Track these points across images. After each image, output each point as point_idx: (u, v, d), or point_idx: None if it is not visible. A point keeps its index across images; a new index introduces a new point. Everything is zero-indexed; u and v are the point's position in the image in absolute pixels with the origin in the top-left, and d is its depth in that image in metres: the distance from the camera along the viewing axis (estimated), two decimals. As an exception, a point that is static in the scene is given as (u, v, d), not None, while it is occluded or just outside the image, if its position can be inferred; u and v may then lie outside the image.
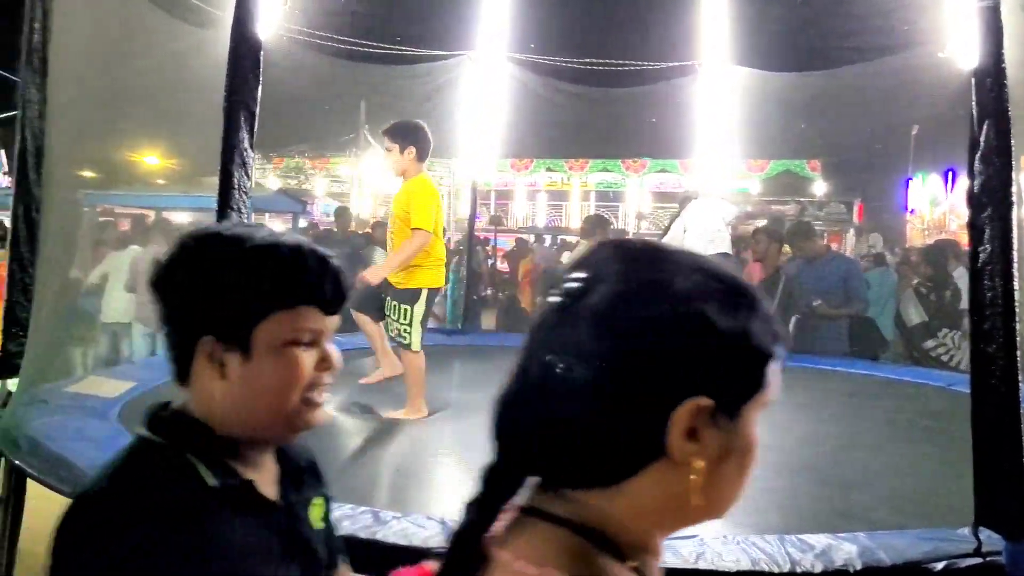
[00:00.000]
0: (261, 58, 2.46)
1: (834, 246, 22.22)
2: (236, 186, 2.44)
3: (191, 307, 1.02)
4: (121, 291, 7.43)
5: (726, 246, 6.50)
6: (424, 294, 4.30)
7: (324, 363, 1.05)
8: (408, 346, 4.25)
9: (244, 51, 2.42)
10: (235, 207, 2.44)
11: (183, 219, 12.22)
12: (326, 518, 1.17)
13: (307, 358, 1.03)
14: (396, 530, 2.27)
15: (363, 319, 4.44)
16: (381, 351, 4.49)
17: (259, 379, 1.01)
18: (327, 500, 1.18)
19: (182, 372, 1.05)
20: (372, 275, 4.38)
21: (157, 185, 14.77)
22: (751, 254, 7.35)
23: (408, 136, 4.36)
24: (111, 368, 5.47)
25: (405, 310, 4.24)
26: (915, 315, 6.26)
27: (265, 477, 1.08)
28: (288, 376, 1.02)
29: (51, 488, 2.88)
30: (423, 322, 4.33)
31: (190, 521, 0.93)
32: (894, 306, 6.86)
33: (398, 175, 4.44)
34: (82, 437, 3.18)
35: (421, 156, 4.38)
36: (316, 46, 6.21)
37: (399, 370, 4.37)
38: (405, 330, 4.23)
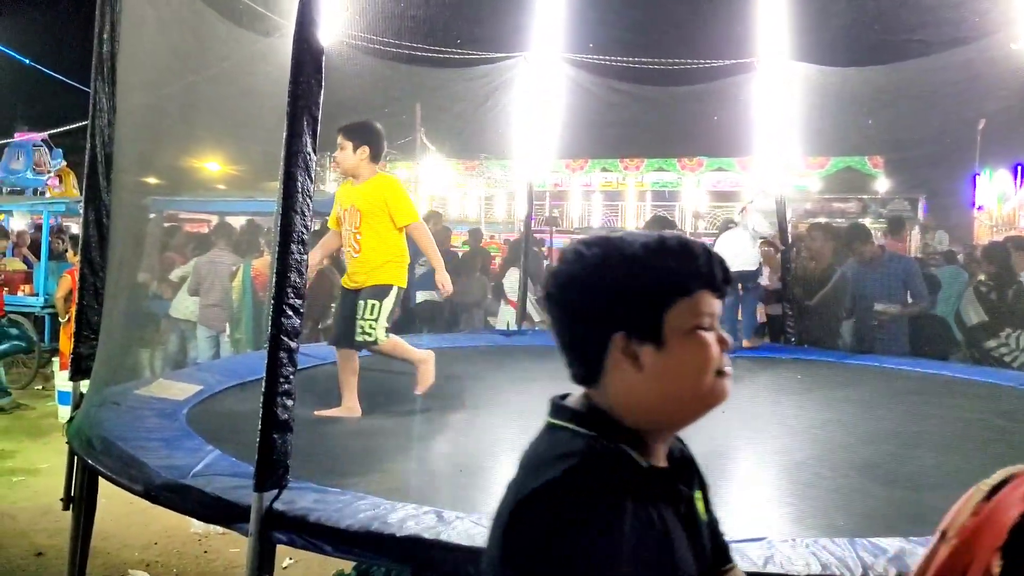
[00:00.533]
0: (323, 64, 2.51)
1: (899, 244, 21.67)
2: (300, 190, 2.49)
3: (601, 308, 1.09)
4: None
5: (751, 263, 6.47)
6: (395, 291, 4.27)
7: (723, 343, 1.11)
8: (374, 342, 4.21)
9: (306, 57, 2.47)
10: (299, 210, 2.49)
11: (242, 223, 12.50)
12: (708, 510, 1.22)
13: (712, 339, 1.10)
14: (459, 530, 2.29)
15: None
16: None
17: (678, 365, 1.08)
18: (706, 492, 1.23)
19: (591, 372, 1.11)
20: (446, 282, 4.41)
21: (219, 190, 15.11)
22: (805, 251, 7.28)
23: (362, 135, 4.30)
24: (178, 371, 5.60)
25: (373, 305, 4.17)
26: (974, 315, 6.09)
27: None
28: (703, 357, 1.08)
29: (123, 487, 2.97)
30: (388, 319, 4.27)
31: (645, 506, 1.00)
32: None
33: (347, 173, 4.38)
34: (153, 438, 3.26)
35: (374, 156, 4.31)
36: (375, 51, 6.29)
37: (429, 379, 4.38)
38: (371, 326, 4.16)
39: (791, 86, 7.07)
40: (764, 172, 7.99)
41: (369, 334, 4.18)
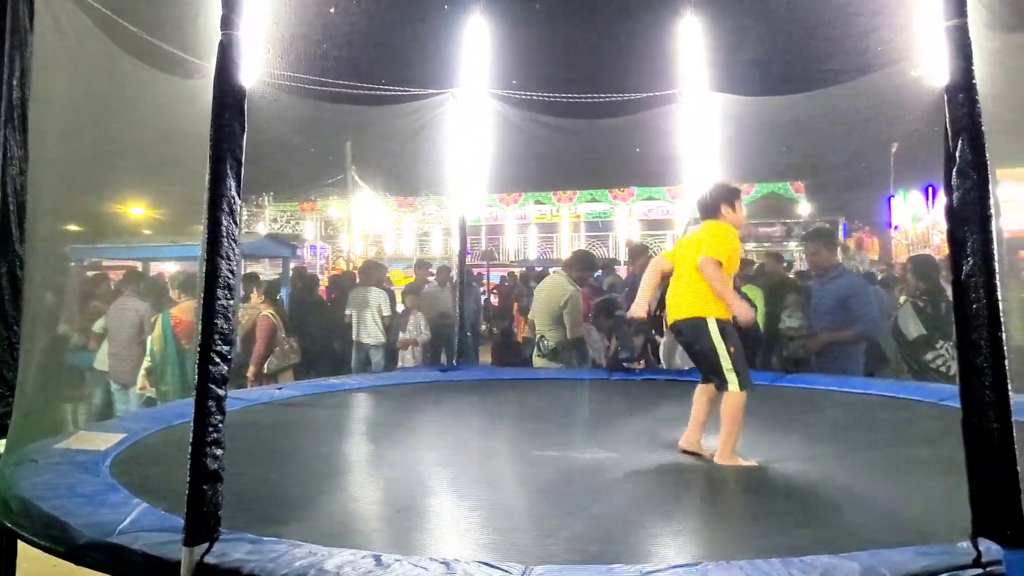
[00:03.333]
0: (245, 106, 2.48)
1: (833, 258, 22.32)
2: (225, 234, 2.45)
3: None
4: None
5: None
6: None
7: None
8: None
9: (228, 100, 2.44)
10: (224, 255, 2.45)
11: (172, 268, 12.24)
12: None
13: None
14: (398, 573, 2.25)
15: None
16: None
17: None
18: None
19: None
20: None
21: (144, 236, 14.78)
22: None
23: None
24: (100, 422, 5.41)
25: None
26: (913, 328, 6.23)
27: None
28: None
29: (45, 550, 2.84)
30: None
31: None
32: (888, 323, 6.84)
33: None
34: (74, 494, 3.12)
35: None
36: (301, 90, 6.26)
37: None
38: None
39: (713, 116, 7.28)
40: (692, 200, 8.17)
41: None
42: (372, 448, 4.37)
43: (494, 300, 16.19)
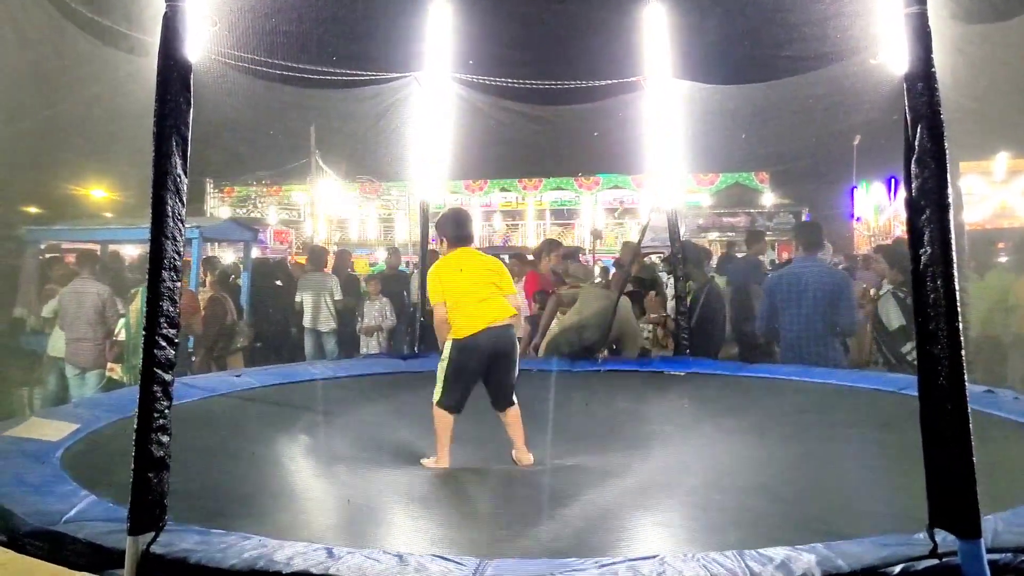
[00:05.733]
0: (191, 82, 2.39)
1: (785, 255, 22.69)
2: (170, 214, 2.36)
3: None
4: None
5: None
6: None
7: None
8: None
9: (173, 75, 2.35)
10: (169, 235, 2.36)
11: (132, 252, 11.99)
12: None
13: None
14: (350, 565, 2.20)
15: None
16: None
17: None
18: None
19: None
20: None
21: (104, 218, 14.47)
22: None
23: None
24: (54, 408, 5.25)
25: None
26: (895, 319, 6.27)
27: None
28: None
29: (-15, 536, 2.75)
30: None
31: None
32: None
33: None
34: (21, 483, 3.03)
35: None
36: (261, 72, 6.11)
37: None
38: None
39: (677, 104, 7.26)
40: (657, 189, 8.17)
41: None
42: (323, 441, 4.29)
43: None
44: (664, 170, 7.46)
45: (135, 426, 2.37)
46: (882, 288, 6.84)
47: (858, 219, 22.80)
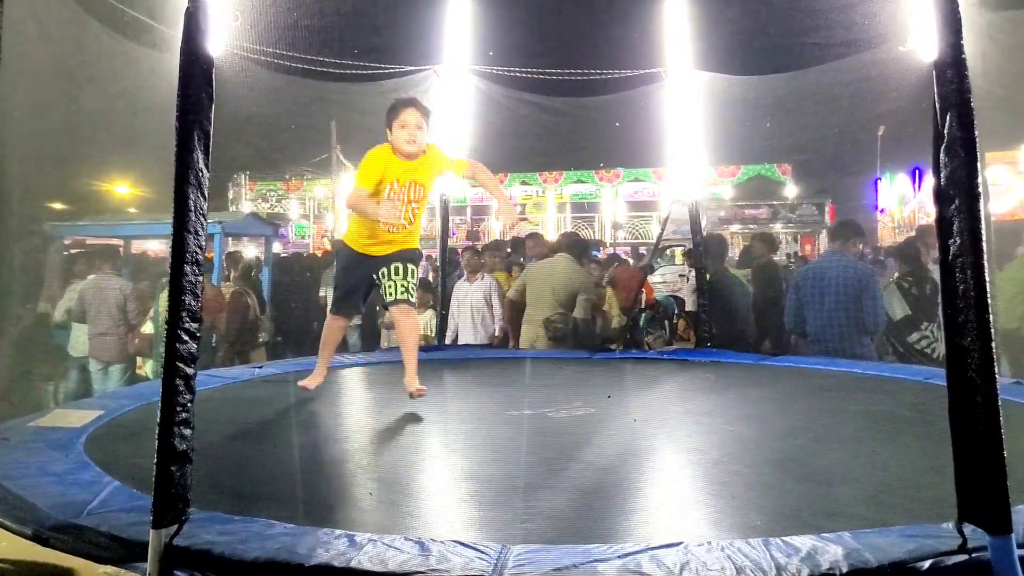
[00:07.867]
0: (213, 76, 2.40)
1: (808, 247, 22.48)
2: (192, 208, 2.37)
3: None
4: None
5: None
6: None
7: None
8: (414, 303, 4.49)
9: (195, 69, 2.36)
10: (192, 230, 2.37)
11: (157, 247, 12.11)
12: None
13: None
14: (371, 555, 2.20)
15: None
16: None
17: None
18: None
19: None
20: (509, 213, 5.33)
21: (128, 214, 14.61)
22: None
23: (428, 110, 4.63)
24: (79, 401, 5.32)
25: (412, 269, 4.39)
26: (899, 309, 6.27)
27: None
28: None
29: (12, 532, 2.77)
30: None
31: None
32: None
33: (419, 151, 4.51)
34: (44, 473, 3.06)
35: None
36: (284, 67, 6.14)
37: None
38: (413, 286, 4.40)
39: (699, 96, 7.21)
40: (678, 182, 8.13)
41: (412, 293, 4.39)
42: (348, 426, 4.30)
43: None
44: (685, 162, 7.41)
45: (158, 420, 2.38)
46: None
47: (882, 211, 22.55)
